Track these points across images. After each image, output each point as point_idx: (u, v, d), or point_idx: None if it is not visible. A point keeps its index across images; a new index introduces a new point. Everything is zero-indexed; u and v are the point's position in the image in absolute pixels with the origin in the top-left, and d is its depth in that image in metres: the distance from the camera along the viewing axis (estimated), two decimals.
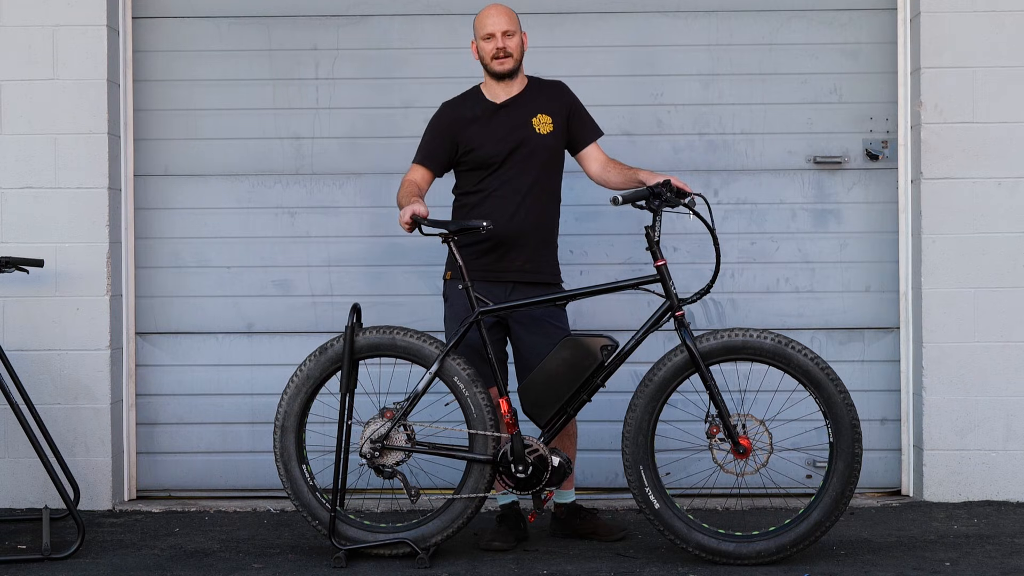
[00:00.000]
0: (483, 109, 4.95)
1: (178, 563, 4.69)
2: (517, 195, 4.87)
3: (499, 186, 4.89)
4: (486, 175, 4.91)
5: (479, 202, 4.91)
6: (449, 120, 4.96)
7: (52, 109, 5.57)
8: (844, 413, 4.54)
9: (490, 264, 4.88)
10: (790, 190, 5.80)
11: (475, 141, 4.91)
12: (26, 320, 5.54)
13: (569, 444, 4.97)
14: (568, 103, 5.00)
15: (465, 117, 4.94)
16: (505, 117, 4.93)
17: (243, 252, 5.83)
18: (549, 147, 4.93)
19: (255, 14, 5.84)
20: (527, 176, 4.89)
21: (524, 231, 4.88)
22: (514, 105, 4.96)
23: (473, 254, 4.86)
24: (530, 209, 4.89)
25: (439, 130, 4.97)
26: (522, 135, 4.90)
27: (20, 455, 5.49)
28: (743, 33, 5.80)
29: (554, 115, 4.94)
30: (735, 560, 4.54)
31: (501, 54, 4.89)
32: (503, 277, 4.89)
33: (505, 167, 4.88)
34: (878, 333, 5.79)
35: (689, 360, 4.56)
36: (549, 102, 4.97)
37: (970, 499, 5.55)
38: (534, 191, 4.89)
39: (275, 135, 5.83)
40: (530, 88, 5.01)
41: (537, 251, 4.92)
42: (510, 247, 4.87)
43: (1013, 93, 5.55)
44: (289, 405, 4.77)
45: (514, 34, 4.91)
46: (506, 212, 4.86)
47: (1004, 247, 5.55)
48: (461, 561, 4.67)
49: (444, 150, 4.94)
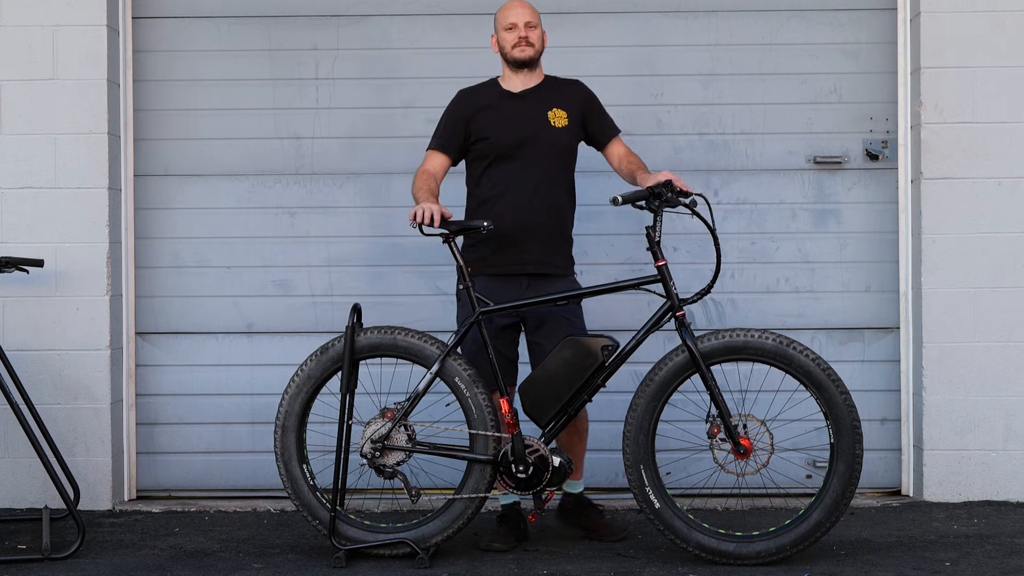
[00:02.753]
0: (499, 97, 4.96)
1: (178, 563, 4.69)
2: (530, 187, 4.87)
3: (511, 177, 4.88)
4: (498, 165, 4.91)
5: (492, 194, 4.90)
6: (464, 105, 4.97)
7: (52, 109, 5.56)
8: (845, 414, 4.54)
9: (505, 258, 4.88)
10: (790, 190, 5.80)
11: (488, 129, 4.91)
12: (26, 320, 5.54)
13: (578, 440, 4.99)
14: (585, 101, 5.00)
15: (480, 104, 4.95)
16: (520, 107, 4.94)
17: (243, 252, 5.83)
18: (563, 141, 4.93)
19: (255, 14, 5.84)
20: (539, 168, 4.89)
21: (537, 224, 4.87)
22: (530, 96, 4.96)
23: (488, 249, 4.88)
24: (543, 202, 4.89)
25: (454, 115, 4.97)
26: (536, 126, 4.90)
27: (20, 455, 5.49)
28: (743, 33, 5.80)
29: (570, 111, 4.95)
30: (735, 560, 4.54)
31: (523, 43, 4.91)
32: (518, 271, 4.89)
33: (517, 158, 4.88)
34: (878, 333, 5.79)
35: (690, 360, 4.56)
36: (566, 98, 4.98)
37: (970, 499, 5.55)
38: (547, 184, 4.89)
39: (275, 135, 5.83)
40: (548, 83, 5.02)
41: (551, 244, 4.92)
42: (524, 240, 4.87)
43: (1013, 93, 5.55)
44: (290, 405, 4.77)
45: (536, 26, 4.95)
46: (519, 204, 4.86)
47: (1004, 247, 5.55)
48: (461, 561, 4.67)
49: (458, 136, 4.95)
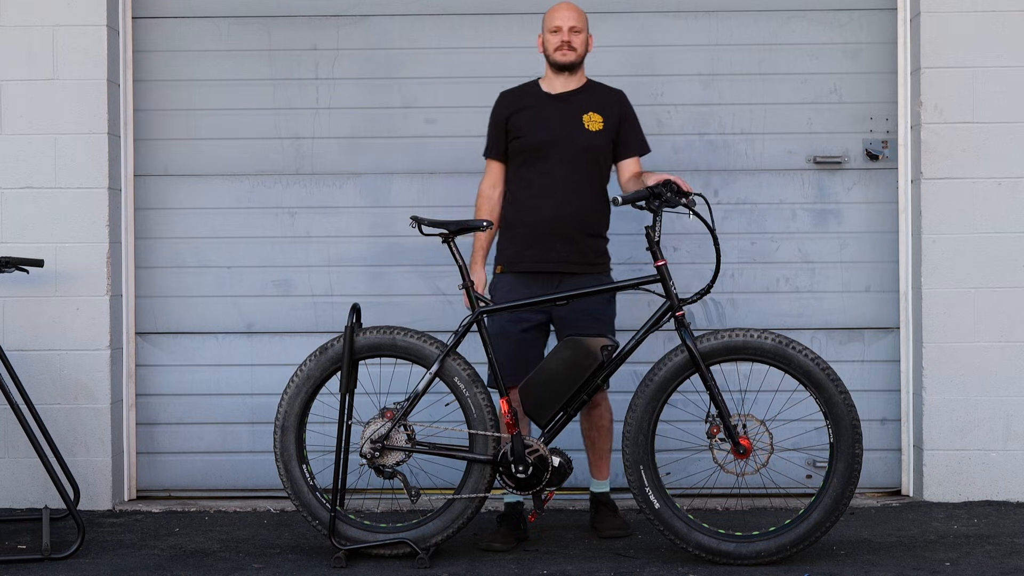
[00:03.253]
0: (537, 98, 5.04)
1: (178, 563, 4.69)
2: (560, 187, 4.93)
3: (543, 177, 4.95)
4: (531, 164, 4.97)
5: (524, 193, 4.97)
6: (502, 106, 5.08)
7: (52, 109, 5.56)
8: (844, 413, 4.53)
9: (536, 256, 4.94)
10: (790, 190, 5.80)
11: (522, 127, 4.99)
12: (26, 320, 5.54)
13: (605, 436, 5.04)
14: (622, 110, 5.05)
15: (518, 104, 5.04)
16: (557, 108, 4.99)
17: (243, 252, 5.83)
18: (596, 144, 4.97)
19: (255, 14, 5.84)
20: (570, 169, 4.94)
21: (566, 223, 4.92)
22: (568, 98, 5.01)
23: (519, 246, 4.95)
24: (573, 202, 4.93)
25: (495, 117, 5.08)
26: (569, 128, 4.96)
27: (20, 455, 5.49)
28: (743, 33, 5.80)
29: (606, 117, 5.00)
30: (735, 560, 4.54)
31: (565, 47, 4.95)
32: (550, 268, 4.94)
33: (549, 158, 4.94)
34: (878, 333, 5.79)
35: (689, 360, 4.56)
36: (604, 104, 5.03)
37: (970, 499, 5.55)
38: (578, 185, 4.93)
39: (275, 135, 5.83)
40: (588, 87, 5.07)
41: (581, 243, 4.96)
42: (553, 239, 4.93)
43: (1013, 93, 5.54)
44: (289, 405, 4.77)
45: (580, 31, 4.99)
46: (549, 204, 4.92)
47: (1004, 247, 5.55)
48: (461, 561, 4.67)
49: (501, 137, 5.04)
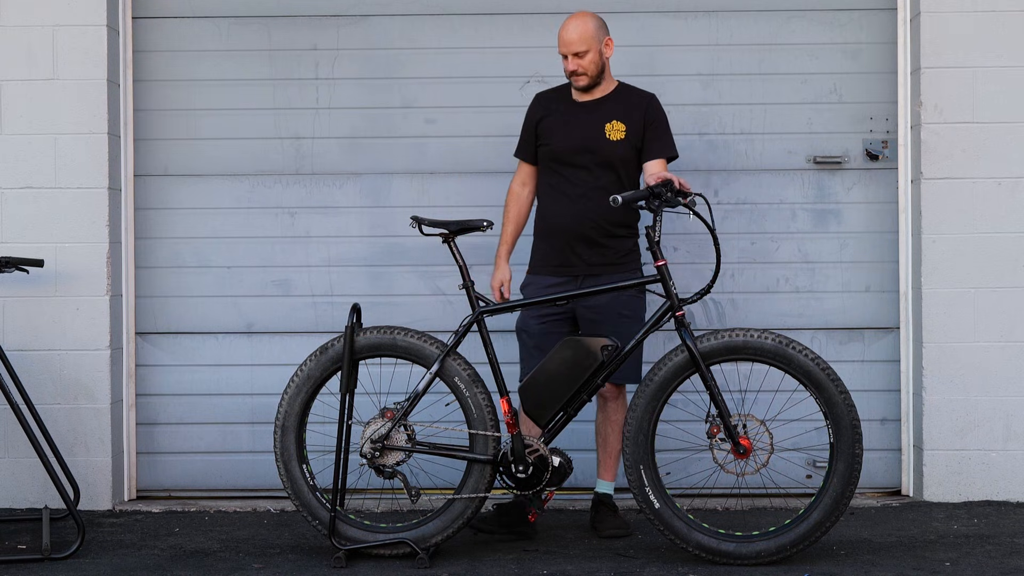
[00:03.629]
0: (566, 106, 5.07)
1: (178, 563, 4.69)
2: (580, 194, 4.97)
3: (565, 183, 5.00)
4: (555, 170, 5.03)
5: (548, 198, 5.04)
6: (535, 109, 5.14)
7: (52, 109, 5.56)
8: (845, 413, 4.53)
9: (560, 259, 5.00)
10: (790, 190, 5.79)
11: (548, 134, 5.04)
12: (26, 320, 5.54)
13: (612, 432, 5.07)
14: (647, 116, 5.04)
15: (548, 109, 5.09)
16: (580, 117, 5.03)
17: (243, 252, 5.82)
18: (617, 153, 4.99)
19: (255, 14, 5.84)
20: (591, 176, 4.98)
21: (586, 230, 4.96)
22: (592, 108, 5.04)
23: (545, 251, 5.03)
24: (593, 209, 4.94)
25: (529, 120, 5.15)
26: (591, 137, 4.98)
27: (20, 455, 5.49)
28: (743, 33, 5.80)
29: (629, 124, 5.00)
30: (735, 560, 4.54)
31: (574, 75, 5.00)
32: (572, 271, 4.98)
33: (571, 165, 5.00)
34: (878, 333, 5.79)
35: (689, 360, 4.56)
36: (628, 111, 5.02)
37: (970, 499, 5.55)
38: (599, 192, 4.93)
39: (275, 135, 5.83)
40: (615, 94, 5.08)
41: (604, 245, 4.99)
42: (575, 244, 4.97)
43: (1013, 93, 5.54)
44: (289, 405, 4.77)
45: (586, 52, 4.95)
46: (570, 211, 4.97)
47: (1004, 247, 5.54)
48: (461, 561, 4.67)
49: (531, 139, 5.11)
